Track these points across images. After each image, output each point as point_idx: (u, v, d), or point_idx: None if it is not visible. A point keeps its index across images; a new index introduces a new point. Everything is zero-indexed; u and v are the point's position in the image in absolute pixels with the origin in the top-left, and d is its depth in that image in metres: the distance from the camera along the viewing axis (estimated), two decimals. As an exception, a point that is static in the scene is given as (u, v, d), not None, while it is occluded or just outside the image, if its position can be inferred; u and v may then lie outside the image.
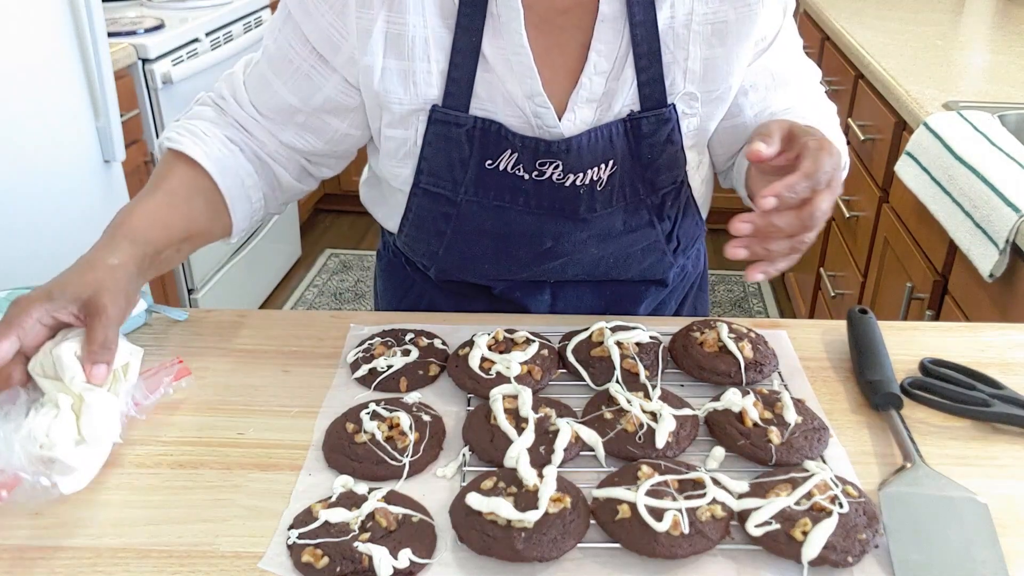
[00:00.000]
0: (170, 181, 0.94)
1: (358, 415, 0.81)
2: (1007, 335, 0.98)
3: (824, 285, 2.45)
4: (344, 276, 3.35)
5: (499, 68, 0.91)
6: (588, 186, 0.95)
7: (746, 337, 0.91)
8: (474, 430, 0.80)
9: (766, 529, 0.68)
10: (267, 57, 0.97)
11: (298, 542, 0.67)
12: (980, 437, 0.82)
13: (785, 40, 0.99)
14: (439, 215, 0.99)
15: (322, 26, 0.91)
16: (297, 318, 1.02)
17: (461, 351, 0.91)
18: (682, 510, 0.69)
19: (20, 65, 1.67)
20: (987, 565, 0.67)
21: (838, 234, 2.42)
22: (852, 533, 0.68)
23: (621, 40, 0.90)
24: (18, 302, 0.77)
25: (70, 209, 1.84)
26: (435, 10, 0.89)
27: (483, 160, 0.94)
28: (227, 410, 0.86)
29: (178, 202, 0.93)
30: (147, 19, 2.37)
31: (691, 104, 0.94)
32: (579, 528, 0.69)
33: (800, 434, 0.79)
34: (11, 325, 0.76)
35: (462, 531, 0.69)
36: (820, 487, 0.71)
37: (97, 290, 0.78)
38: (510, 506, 0.68)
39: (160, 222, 0.90)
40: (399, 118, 0.94)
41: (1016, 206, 1.34)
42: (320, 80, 0.94)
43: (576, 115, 0.92)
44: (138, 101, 2.24)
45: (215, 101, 1.01)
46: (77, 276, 0.80)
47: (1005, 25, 2.52)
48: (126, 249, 0.84)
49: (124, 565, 0.68)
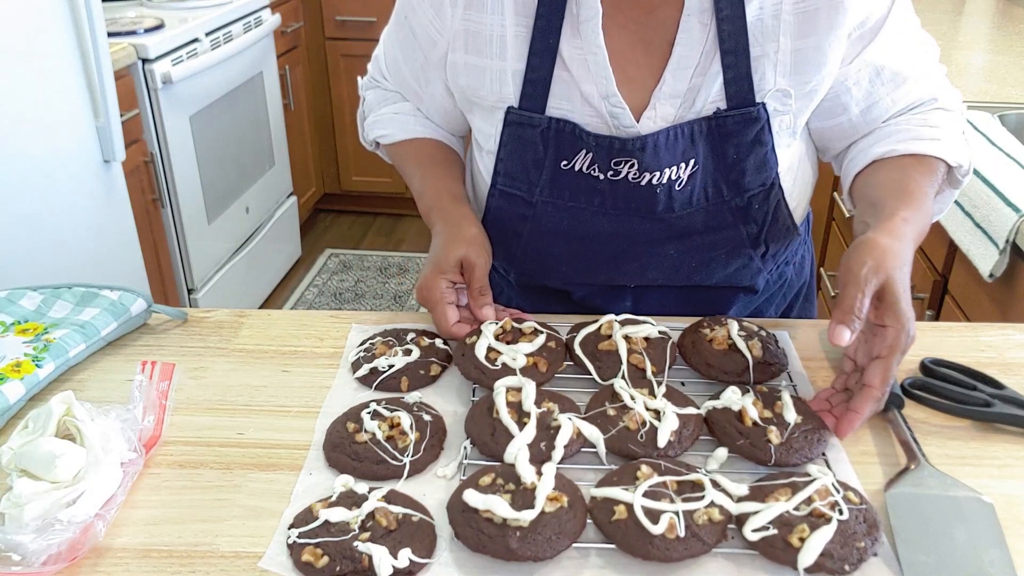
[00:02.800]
0: (426, 153, 1.08)
1: (359, 414, 0.81)
2: (1007, 335, 0.98)
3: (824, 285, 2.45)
4: (344, 276, 3.34)
5: (575, 68, 0.91)
6: (665, 185, 0.93)
7: (756, 336, 0.90)
8: (476, 423, 0.80)
9: (763, 534, 0.68)
10: (395, 38, 1.06)
11: (298, 541, 0.67)
12: (980, 437, 0.82)
13: (895, 31, 0.93)
14: (516, 216, 1.00)
15: (423, 24, 0.96)
16: (297, 318, 1.02)
17: (468, 340, 0.90)
18: (679, 513, 0.68)
19: (20, 65, 1.67)
20: (995, 565, 0.66)
21: (838, 234, 2.42)
22: (851, 541, 0.67)
23: (708, 34, 0.89)
24: (426, 285, 0.94)
25: (70, 209, 1.84)
26: (513, 8, 0.90)
27: (558, 160, 0.94)
28: (227, 410, 0.86)
29: (450, 163, 1.08)
30: (147, 19, 2.37)
31: (784, 101, 0.91)
32: (575, 528, 0.69)
33: (800, 434, 0.78)
34: (438, 302, 0.94)
35: (458, 527, 0.69)
36: (821, 492, 0.70)
37: (466, 252, 0.94)
38: (506, 505, 0.68)
39: (459, 179, 1.06)
40: (485, 112, 0.97)
41: (1016, 206, 1.34)
42: (431, 72, 1.01)
43: (657, 112, 0.91)
44: (138, 101, 2.24)
45: (378, 83, 1.13)
46: (451, 247, 0.95)
47: (1005, 25, 2.52)
48: (465, 211, 0.99)
49: (124, 565, 0.68)
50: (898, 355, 0.80)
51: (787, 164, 0.98)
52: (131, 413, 0.80)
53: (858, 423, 0.79)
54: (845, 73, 0.93)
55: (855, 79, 0.94)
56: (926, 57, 0.98)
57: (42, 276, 0.79)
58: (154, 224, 2.39)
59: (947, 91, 0.99)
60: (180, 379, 0.89)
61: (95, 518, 0.70)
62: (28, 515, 0.67)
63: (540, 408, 0.80)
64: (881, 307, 0.80)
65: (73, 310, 0.97)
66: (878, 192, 0.92)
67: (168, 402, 0.85)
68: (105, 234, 1.97)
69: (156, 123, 2.31)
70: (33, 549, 0.66)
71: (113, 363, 0.93)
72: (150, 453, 0.79)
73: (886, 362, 0.79)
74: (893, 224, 0.84)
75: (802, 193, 1.05)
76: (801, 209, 1.06)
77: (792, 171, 1.00)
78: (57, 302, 0.98)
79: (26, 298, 0.98)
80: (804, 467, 0.75)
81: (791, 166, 0.99)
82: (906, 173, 0.92)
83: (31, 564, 0.66)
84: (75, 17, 1.77)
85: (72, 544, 0.67)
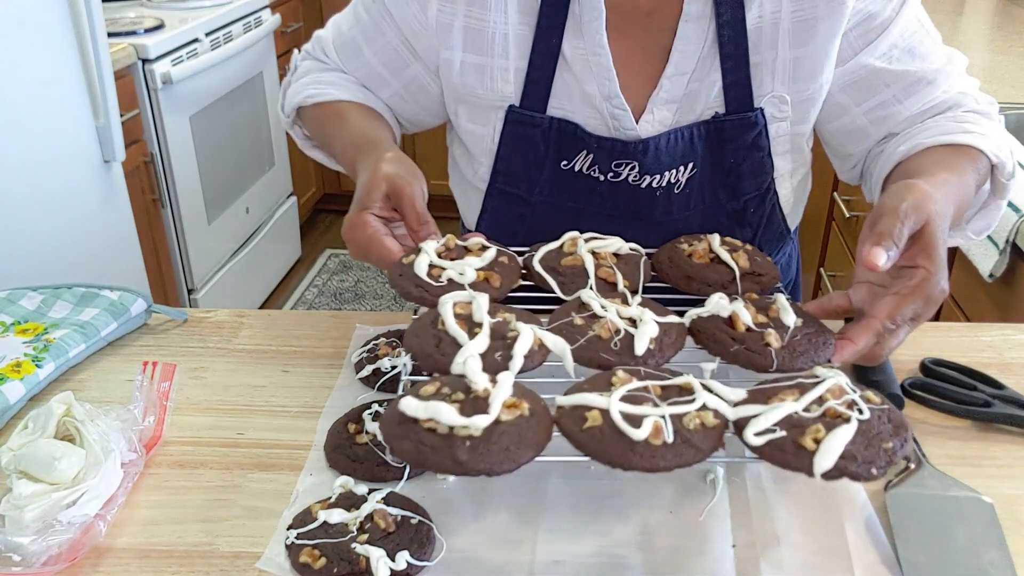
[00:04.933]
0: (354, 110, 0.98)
1: (360, 416, 0.81)
2: (1007, 335, 0.98)
3: (824, 285, 2.44)
4: (344, 276, 3.34)
5: (578, 68, 0.90)
6: (665, 188, 0.93)
7: (741, 248, 0.81)
8: (418, 337, 0.67)
9: (769, 437, 0.56)
10: (360, 25, 0.99)
11: (296, 542, 0.67)
12: (980, 437, 0.82)
13: (901, 32, 0.90)
14: (514, 216, 0.99)
15: (406, 15, 0.94)
16: (297, 318, 1.02)
17: (405, 259, 0.78)
18: (665, 416, 0.57)
19: (20, 65, 1.67)
20: (995, 565, 0.66)
21: (838, 234, 2.42)
22: (875, 442, 0.56)
23: (705, 40, 0.88)
24: (350, 225, 0.81)
25: (70, 209, 1.84)
26: (516, 7, 0.89)
27: (559, 161, 0.94)
28: (227, 410, 0.86)
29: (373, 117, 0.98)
30: (147, 19, 2.37)
31: (781, 107, 0.91)
32: (539, 437, 0.57)
33: (802, 337, 0.67)
34: (371, 237, 0.80)
35: (393, 441, 0.57)
36: (834, 392, 0.59)
37: (391, 179, 0.82)
38: (453, 410, 0.56)
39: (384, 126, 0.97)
40: (478, 112, 0.95)
41: (1016, 206, 1.34)
42: (407, 57, 0.97)
43: (655, 116, 0.91)
44: (138, 101, 2.24)
45: (318, 59, 1.05)
46: (373, 180, 0.82)
47: (1005, 25, 2.52)
48: (384, 147, 0.88)
49: (124, 565, 0.68)
50: (919, 300, 0.69)
51: (784, 169, 0.98)
52: (131, 413, 0.80)
53: (849, 353, 0.69)
54: (841, 72, 0.92)
55: (852, 79, 0.92)
56: (943, 63, 0.93)
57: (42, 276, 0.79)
58: (154, 224, 2.39)
59: (978, 96, 0.93)
60: (180, 379, 0.89)
61: (95, 518, 0.70)
62: (28, 517, 0.67)
63: (494, 319, 0.67)
64: (915, 247, 0.70)
65: (73, 310, 0.97)
66: (909, 173, 0.82)
67: (168, 403, 0.85)
68: (105, 234, 1.97)
69: (156, 123, 2.31)
70: (33, 550, 0.66)
71: (113, 363, 0.93)
72: (150, 453, 0.79)
73: (901, 299, 0.69)
74: (935, 179, 0.76)
75: (798, 198, 1.05)
76: (796, 214, 1.06)
77: (789, 176, 1.00)
78: (57, 302, 0.98)
79: (26, 298, 0.98)
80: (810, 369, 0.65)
81: (788, 171, 0.99)
82: (943, 156, 0.85)
83: (31, 565, 0.66)
84: (75, 17, 1.77)
85: (72, 545, 0.67)
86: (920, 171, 0.80)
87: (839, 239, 2.40)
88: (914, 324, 0.71)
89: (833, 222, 2.46)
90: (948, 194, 0.75)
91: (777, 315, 0.70)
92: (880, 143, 0.96)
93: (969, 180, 0.82)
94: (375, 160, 0.85)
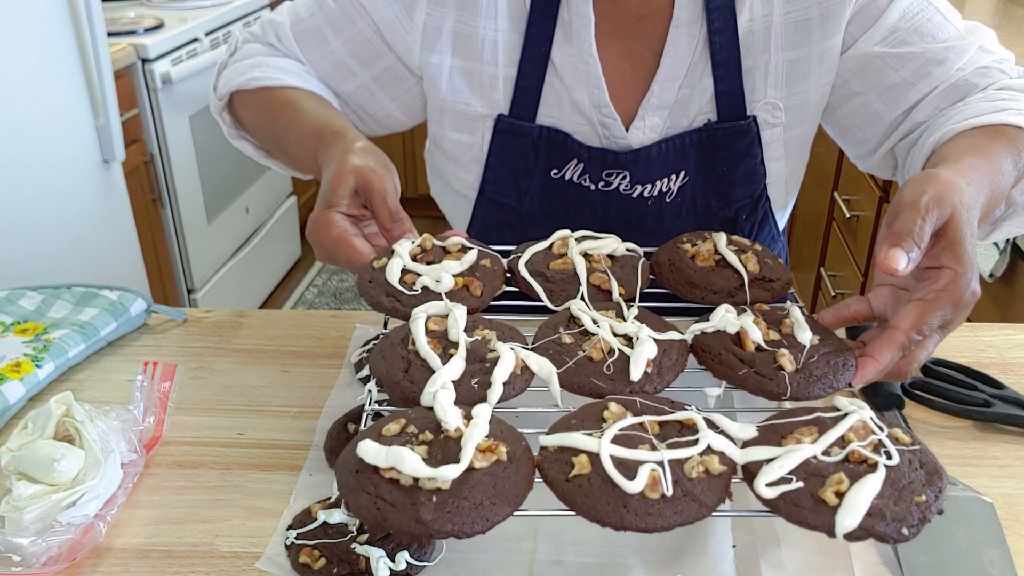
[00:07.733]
0: (310, 98, 0.91)
1: (360, 416, 0.80)
2: (1007, 335, 0.98)
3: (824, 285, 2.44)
4: (344, 276, 3.34)
5: (567, 76, 0.90)
6: (656, 197, 0.92)
7: (750, 249, 0.74)
8: (385, 358, 0.61)
9: (783, 489, 0.50)
10: (325, 13, 0.94)
11: (296, 542, 0.67)
12: (981, 437, 0.82)
13: (903, 14, 0.86)
14: (504, 225, 0.98)
15: (386, 15, 0.91)
16: (297, 318, 1.02)
17: (376, 263, 0.72)
18: (664, 463, 0.50)
19: (19, 65, 1.67)
20: (995, 565, 0.66)
21: (838, 234, 2.42)
22: (906, 495, 0.49)
23: (696, 45, 0.87)
24: (315, 224, 0.74)
25: (69, 209, 1.84)
26: (507, 14, 0.88)
27: (548, 170, 0.93)
28: (227, 410, 0.86)
29: (332, 108, 0.92)
30: (147, 19, 2.37)
31: (774, 114, 0.90)
32: (517, 489, 0.50)
33: (819, 358, 0.60)
34: (338, 237, 0.74)
35: (349, 495, 0.50)
36: (858, 431, 0.52)
37: (359, 174, 0.76)
38: (417, 459, 0.49)
39: (344, 118, 0.89)
40: (465, 121, 0.93)
41: (1016, 206, 1.34)
42: (381, 48, 0.93)
43: (645, 123, 0.90)
44: (138, 101, 2.24)
45: (269, 43, 0.98)
46: (339, 176, 0.76)
47: (1005, 25, 2.52)
48: (351, 136, 0.81)
49: (124, 566, 0.68)
50: (946, 306, 0.63)
51: (777, 174, 0.97)
52: (131, 413, 0.80)
53: (872, 373, 0.62)
54: (845, 59, 0.89)
55: (856, 66, 0.89)
56: (955, 39, 0.87)
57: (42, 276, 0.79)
58: (154, 224, 2.39)
59: (1009, 70, 0.86)
60: (180, 379, 0.89)
61: (95, 519, 0.70)
62: (28, 518, 0.67)
63: (472, 337, 0.61)
64: (939, 245, 0.63)
65: (73, 310, 0.97)
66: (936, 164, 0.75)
67: (169, 403, 0.85)
68: (105, 234, 1.97)
69: (156, 123, 2.31)
70: (33, 551, 0.66)
71: (113, 363, 0.93)
72: (150, 454, 0.79)
73: (926, 306, 0.62)
74: (959, 166, 0.70)
75: (788, 201, 1.05)
76: (786, 211, 1.06)
77: (783, 181, 0.99)
78: (57, 302, 0.98)
79: (26, 298, 0.98)
80: (829, 398, 0.58)
81: (782, 176, 0.98)
82: (972, 140, 0.77)
83: (31, 565, 0.66)
84: (75, 17, 1.77)
85: (72, 545, 0.67)
86: (944, 159, 0.73)
87: (839, 239, 2.40)
88: (944, 332, 0.65)
89: (833, 222, 2.46)
90: (976, 182, 0.68)
91: (791, 331, 0.64)
92: (906, 133, 0.90)
93: (1004, 165, 0.74)
94: (342, 151, 0.78)
